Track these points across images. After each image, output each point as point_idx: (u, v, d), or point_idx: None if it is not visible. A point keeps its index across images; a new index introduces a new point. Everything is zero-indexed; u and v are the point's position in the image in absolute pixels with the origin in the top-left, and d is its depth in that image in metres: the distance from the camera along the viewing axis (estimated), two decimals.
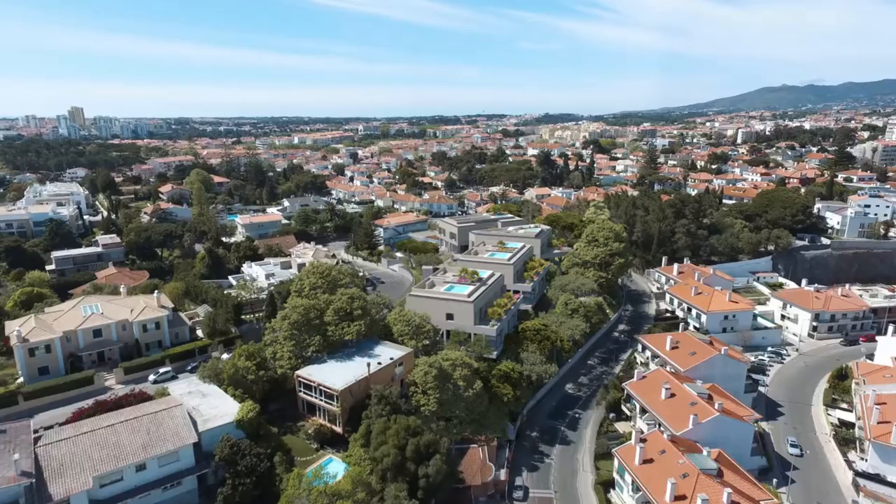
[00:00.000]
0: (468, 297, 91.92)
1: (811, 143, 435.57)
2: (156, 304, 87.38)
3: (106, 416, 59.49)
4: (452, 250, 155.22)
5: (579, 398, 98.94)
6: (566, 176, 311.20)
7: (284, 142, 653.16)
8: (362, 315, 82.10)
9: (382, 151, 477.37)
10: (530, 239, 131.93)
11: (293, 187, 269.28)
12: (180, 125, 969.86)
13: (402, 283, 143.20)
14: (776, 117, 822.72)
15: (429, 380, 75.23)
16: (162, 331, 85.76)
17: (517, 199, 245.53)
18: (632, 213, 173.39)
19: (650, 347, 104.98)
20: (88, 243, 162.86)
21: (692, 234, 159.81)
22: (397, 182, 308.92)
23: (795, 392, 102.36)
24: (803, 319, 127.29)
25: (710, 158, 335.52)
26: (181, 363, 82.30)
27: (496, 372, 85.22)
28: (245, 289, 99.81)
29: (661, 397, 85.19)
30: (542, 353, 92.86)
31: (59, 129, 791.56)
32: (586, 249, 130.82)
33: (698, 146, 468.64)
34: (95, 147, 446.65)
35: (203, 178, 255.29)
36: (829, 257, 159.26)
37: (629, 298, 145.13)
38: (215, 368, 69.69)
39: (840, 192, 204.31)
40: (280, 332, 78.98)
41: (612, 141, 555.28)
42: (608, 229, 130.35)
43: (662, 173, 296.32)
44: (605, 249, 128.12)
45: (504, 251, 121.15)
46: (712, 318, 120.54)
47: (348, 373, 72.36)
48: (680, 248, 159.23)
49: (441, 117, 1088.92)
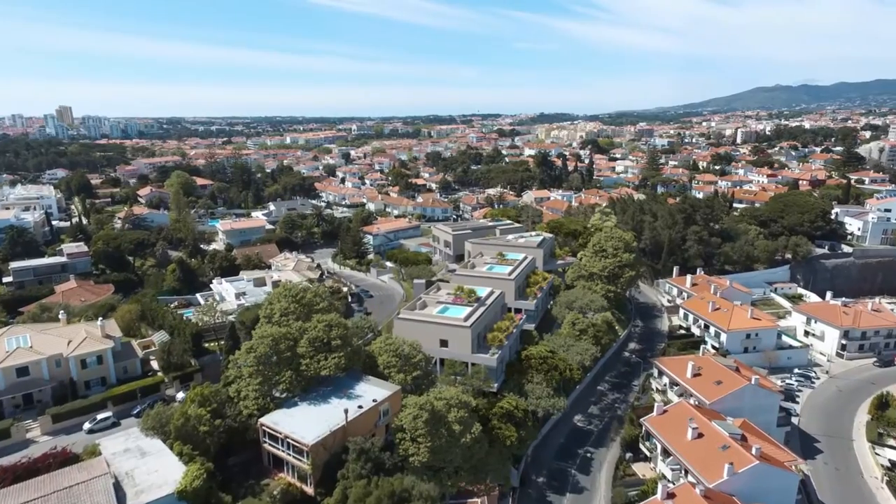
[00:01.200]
0: (464, 322, 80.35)
1: (813, 143, 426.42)
2: (99, 334, 75.08)
3: (4, 494, 47.29)
4: (447, 259, 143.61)
5: (590, 433, 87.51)
6: (565, 177, 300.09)
7: (276, 142, 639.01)
8: (341, 346, 70.34)
9: (375, 152, 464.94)
10: (532, 249, 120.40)
11: (280, 190, 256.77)
12: (171, 125, 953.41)
13: (391, 297, 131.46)
14: (772, 117, 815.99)
15: (419, 425, 63.54)
16: (106, 366, 73.31)
17: (515, 202, 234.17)
18: (639, 218, 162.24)
19: (668, 373, 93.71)
20: (53, 252, 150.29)
21: (704, 242, 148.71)
22: (390, 184, 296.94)
23: (832, 423, 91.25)
24: (831, 337, 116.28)
25: (713, 159, 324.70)
26: (128, 405, 69.99)
27: (497, 410, 73.64)
28: (209, 312, 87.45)
29: (688, 437, 73.88)
30: (550, 385, 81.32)
31: (47, 129, 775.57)
32: (593, 260, 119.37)
33: (698, 146, 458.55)
34: (78, 147, 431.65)
35: (185, 180, 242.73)
36: (851, 266, 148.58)
37: (638, 312, 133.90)
38: (161, 418, 57.62)
39: (856, 196, 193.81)
40: (245, 366, 67.10)
41: (609, 141, 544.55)
42: (617, 238, 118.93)
43: (665, 174, 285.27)
44: (614, 260, 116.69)
45: (504, 264, 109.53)
46: (733, 337, 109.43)
47: (322, 420, 60.54)
48: (691, 256, 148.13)
49: (436, 117, 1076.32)
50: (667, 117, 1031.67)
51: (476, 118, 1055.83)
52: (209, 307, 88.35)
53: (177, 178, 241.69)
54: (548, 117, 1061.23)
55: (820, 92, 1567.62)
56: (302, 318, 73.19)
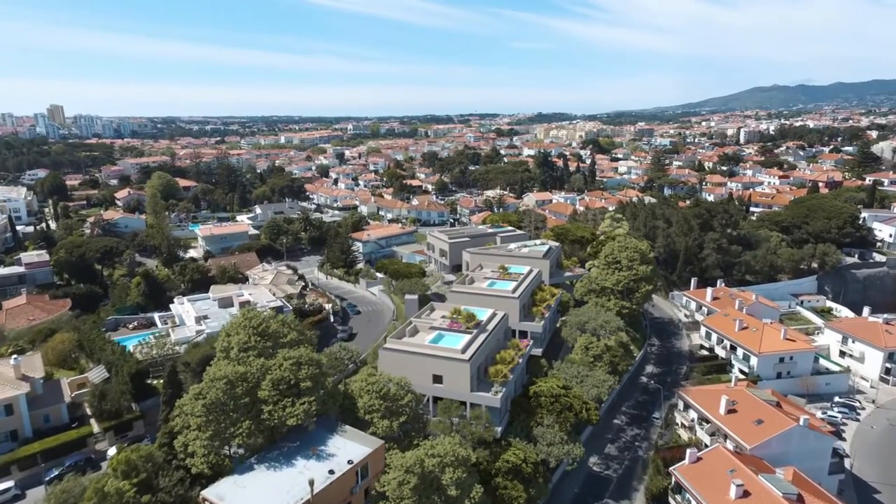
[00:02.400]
0: (462, 354, 67.64)
1: (819, 143, 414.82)
2: (13, 375, 61.88)
3: None
4: (443, 270, 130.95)
5: (609, 480, 74.86)
6: (567, 178, 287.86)
7: (270, 141, 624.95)
8: (312, 388, 57.63)
9: (371, 152, 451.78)
10: (537, 260, 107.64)
11: (268, 192, 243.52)
12: (166, 124, 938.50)
13: (381, 313, 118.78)
14: (771, 117, 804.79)
15: (406, 493, 50.96)
16: (18, 416, 59.84)
17: (516, 205, 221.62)
18: (651, 224, 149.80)
19: (696, 408, 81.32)
20: (11, 262, 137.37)
21: (724, 250, 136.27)
22: (384, 185, 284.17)
23: (891, 468, 78.81)
24: (873, 359, 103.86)
25: (720, 159, 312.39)
26: (45, 465, 56.50)
27: (502, 465, 61.05)
28: (157, 346, 74.19)
29: (731, 497, 61.35)
30: (563, 429, 68.70)
31: (38, 128, 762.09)
32: (605, 273, 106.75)
33: (702, 146, 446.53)
34: (62, 146, 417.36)
35: (166, 181, 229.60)
36: (885, 277, 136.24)
37: (654, 329, 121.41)
38: (68, 496, 44.70)
39: (881, 199, 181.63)
40: (192, 416, 54.33)
41: (610, 141, 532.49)
42: (632, 248, 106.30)
43: (671, 175, 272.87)
44: (630, 273, 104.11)
45: (507, 278, 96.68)
46: (765, 361, 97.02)
47: (283, 491, 47.84)
48: (709, 266, 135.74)
49: (433, 116, 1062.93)
50: (665, 117, 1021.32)
51: (474, 118, 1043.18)
52: (158, 341, 74.99)
53: (157, 179, 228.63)
54: (546, 117, 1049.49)
55: (817, 92, 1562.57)
56: (265, 353, 60.30)
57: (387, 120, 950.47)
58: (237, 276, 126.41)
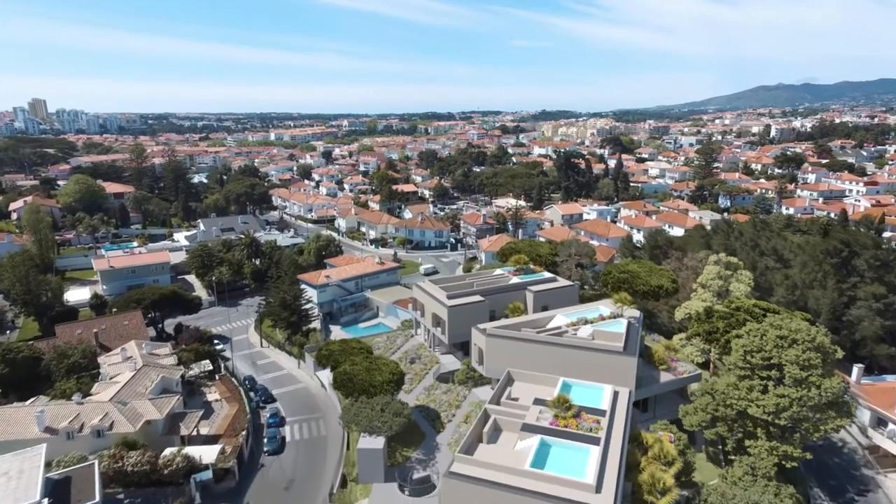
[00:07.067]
0: None
1: (872, 141, 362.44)
2: None
3: None
4: (437, 348, 79.86)
5: None
6: (593, 184, 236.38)
7: (259, 138, 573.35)
8: None
9: (362, 150, 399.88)
10: (615, 357, 56.57)
11: (220, 200, 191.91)
12: (157, 120, 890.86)
13: (324, 442, 67.60)
14: (786, 115, 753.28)
15: None
16: None
17: (537, 221, 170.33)
18: (753, 259, 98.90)
19: None
20: None
21: (892, 311, 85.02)
22: (372, 191, 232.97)
23: None
24: None
25: (776, 161, 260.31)
26: None
27: None
28: None
29: None
30: None
31: (16, 123, 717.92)
32: (748, 389, 55.36)
33: (737, 146, 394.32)
34: (5, 141, 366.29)
35: (87, 186, 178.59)
36: None
37: (812, 470, 67.98)
38: None
39: None
40: None
41: (629, 139, 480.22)
42: (804, 340, 54.59)
43: (728, 181, 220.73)
44: (803, 393, 52.75)
45: (578, 442, 44.92)
46: None
47: None
48: (867, 338, 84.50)
49: (434, 114, 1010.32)
50: (671, 115, 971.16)
51: (476, 115, 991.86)
52: None
53: (75, 183, 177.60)
54: (550, 114, 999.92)
55: (822, 91, 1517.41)
56: None
57: (387, 117, 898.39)
58: (95, 353, 75.33)
